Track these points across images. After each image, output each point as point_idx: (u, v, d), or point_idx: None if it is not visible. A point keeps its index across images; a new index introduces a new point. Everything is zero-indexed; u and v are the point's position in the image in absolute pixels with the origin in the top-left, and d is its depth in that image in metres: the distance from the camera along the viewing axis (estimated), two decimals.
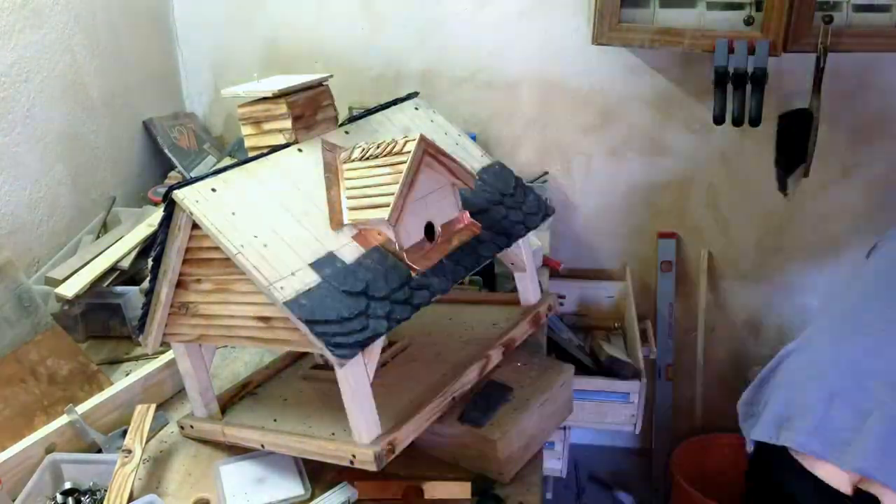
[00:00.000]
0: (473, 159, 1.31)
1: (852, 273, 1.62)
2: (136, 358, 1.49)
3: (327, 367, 1.28)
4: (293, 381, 1.32)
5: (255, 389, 1.31)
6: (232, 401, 1.28)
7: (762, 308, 2.33)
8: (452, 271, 1.13)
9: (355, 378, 1.01)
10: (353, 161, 1.14)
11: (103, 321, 1.55)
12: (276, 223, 1.04)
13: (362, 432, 1.04)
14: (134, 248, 1.60)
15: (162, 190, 1.89)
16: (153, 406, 1.24)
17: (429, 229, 1.13)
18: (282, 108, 1.15)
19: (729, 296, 2.32)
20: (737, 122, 1.73)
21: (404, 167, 1.07)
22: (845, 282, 1.61)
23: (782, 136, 1.75)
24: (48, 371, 1.32)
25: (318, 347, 0.96)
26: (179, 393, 1.38)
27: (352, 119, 1.26)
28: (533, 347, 1.43)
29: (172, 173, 2.04)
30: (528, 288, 1.39)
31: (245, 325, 1.06)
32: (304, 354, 1.38)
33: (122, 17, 1.95)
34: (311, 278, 1.00)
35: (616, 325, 2.26)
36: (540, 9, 2.05)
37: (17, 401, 1.26)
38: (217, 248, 1.01)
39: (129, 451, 1.14)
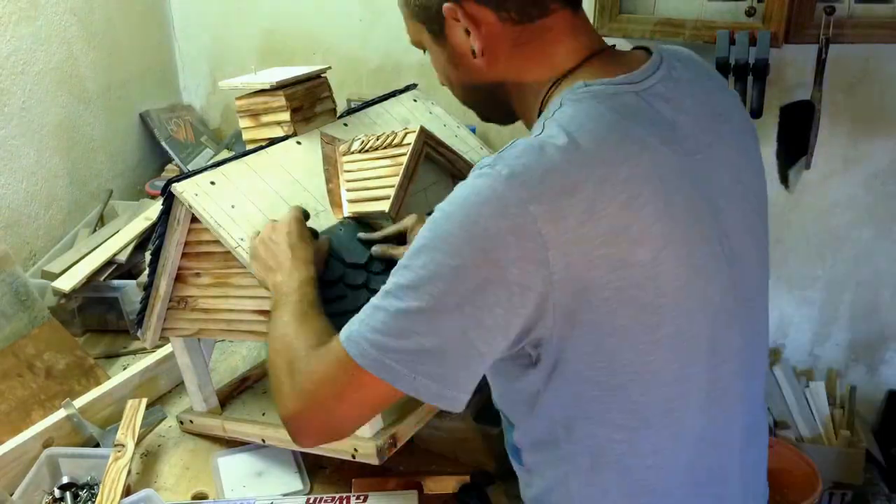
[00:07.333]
0: (473, 151, 1.30)
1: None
2: (134, 352, 1.49)
3: None
4: None
5: (253, 384, 1.31)
6: (231, 395, 1.28)
7: None
8: None
9: None
10: (353, 153, 1.13)
11: (100, 315, 1.54)
12: (276, 217, 1.03)
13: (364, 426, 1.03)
14: (131, 241, 1.59)
15: (159, 183, 1.88)
16: (144, 400, 1.23)
17: None
18: (280, 100, 1.14)
19: None
20: None
21: (404, 159, 1.06)
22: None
23: (784, 128, 1.74)
24: (45, 365, 1.32)
25: None
26: (178, 387, 1.38)
27: (350, 111, 1.25)
28: None
29: (169, 166, 2.03)
30: None
31: (245, 318, 1.05)
32: None
33: (118, 8, 1.93)
34: None
35: None
36: None
37: (14, 395, 1.25)
38: (216, 242, 1.00)
39: (122, 446, 1.13)
